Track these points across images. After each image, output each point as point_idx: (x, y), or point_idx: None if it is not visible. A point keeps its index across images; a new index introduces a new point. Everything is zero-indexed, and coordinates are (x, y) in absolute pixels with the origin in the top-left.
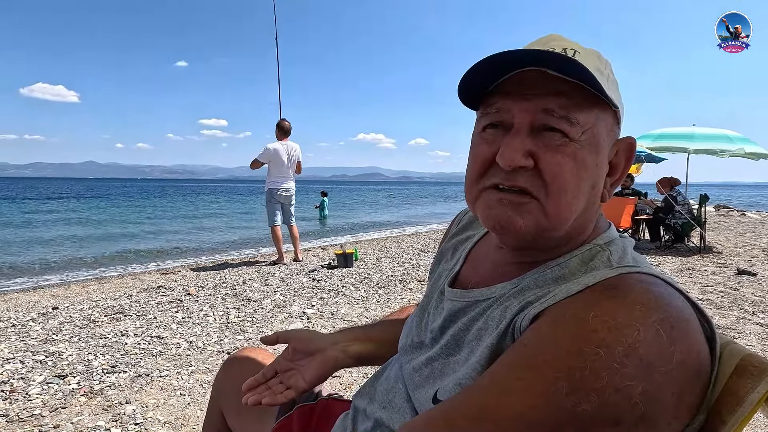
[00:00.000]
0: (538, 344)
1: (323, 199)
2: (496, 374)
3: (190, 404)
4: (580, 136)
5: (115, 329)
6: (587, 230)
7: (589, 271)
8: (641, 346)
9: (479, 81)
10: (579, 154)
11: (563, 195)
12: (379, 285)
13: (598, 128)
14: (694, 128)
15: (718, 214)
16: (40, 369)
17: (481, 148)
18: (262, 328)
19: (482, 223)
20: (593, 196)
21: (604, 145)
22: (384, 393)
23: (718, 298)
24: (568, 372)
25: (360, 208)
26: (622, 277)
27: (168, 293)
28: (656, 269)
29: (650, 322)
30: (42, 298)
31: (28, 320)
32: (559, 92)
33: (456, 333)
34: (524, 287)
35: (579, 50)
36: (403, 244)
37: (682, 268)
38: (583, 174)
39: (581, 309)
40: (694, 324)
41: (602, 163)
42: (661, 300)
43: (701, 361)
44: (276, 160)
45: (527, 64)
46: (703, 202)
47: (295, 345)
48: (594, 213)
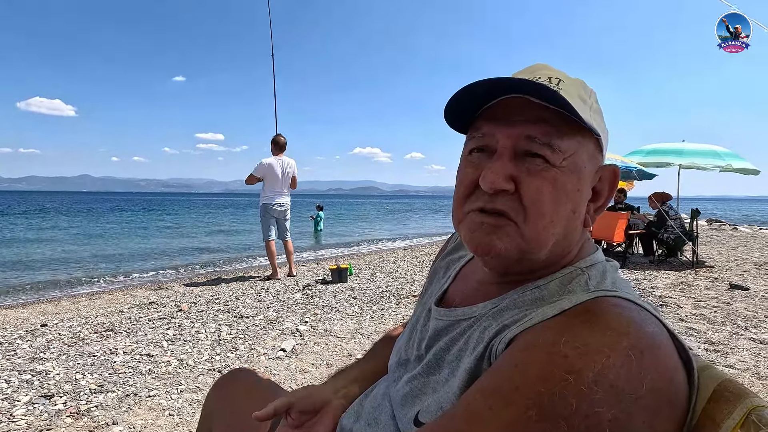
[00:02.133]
0: (510, 371)
1: (318, 213)
2: (469, 401)
3: (178, 425)
4: (561, 162)
5: (105, 347)
6: (571, 253)
7: (566, 293)
8: (611, 372)
9: (467, 105)
10: (559, 180)
11: (541, 219)
12: (373, 301)
13: (580, 155)
14: (684, 144)
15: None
16: (25, 389)
17: (467, 171)
18: (254, 345)
19: (466, 245)
20: (574, 221)
21: (586, 171)
22: (370, 410)
23: (711, 313)
24: (537, 398)
25: (355, 222)
26: (596, 301)
27: (160, 309)
28: (634, 294)
29: (621, 348)
30: (31, 314)
31: (15, 338)
32: (541, 119)
33: (438, 352)
34: (503, 308)
35: (564, 79)
36: (398, 259)
37: (675, 282)
38: (563, 199)
39: (553, 334)
40: (666, 350)
41: (584, 189)
42: (633, 325)
43: (674, 388)
44: (271, 175)
45: (512, 92)
46: (694, 217)
47: (299, 407)
48: (577, 237)
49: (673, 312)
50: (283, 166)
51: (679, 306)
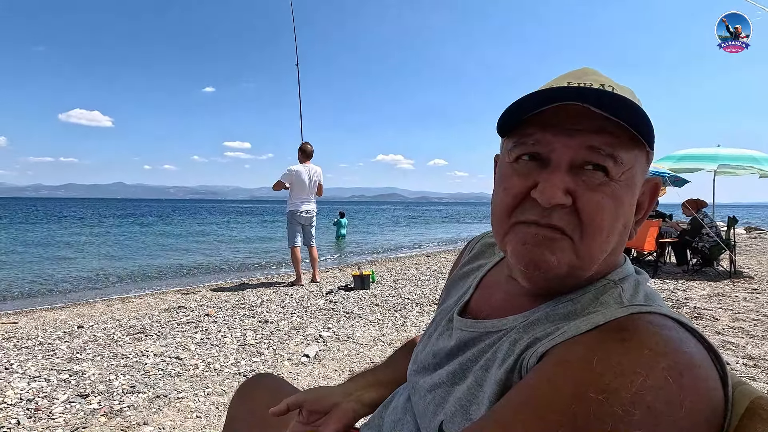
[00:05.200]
0: (542, 386)
1: (341, 219)
2: (499, 414)
3: (205, 427)
4: (620, 176)
5: (136, 349)
6: (605, 265)
7: (600, 306)
8: (648, 393)
9: (517, 110)
10: (618, 194)
11: (598, 236)
12: (395, 308)
13: (636, 168)
14: (719, 149)
15: (749, 236)
16: (63, 388)
17: (513, 181)
18: (278, 350)
19: (511, 258)
20: (624, 236)
21: (639, 185)
22: (392, 424)
23: (751, 326)
24: (571, 417)
25: (377, 229)
26: (631, 318)
27: (188, 313)
28: (668, 308)
29: (659, 368)
30: (68, 316)
31: (54, 338)
32: (602, 129)
33: (464, 362)
34: (535, 321)
35: (615, 87)
36: (420, 266)
37: (711, 293)
38: (620, 214)
39: (587, 351)
40: (706, 369)
41: (635, 203)
42: (670, 344)
43: (712, 408)
44: (298, 182)
45: (571, 99)
46: (732, 225)
47: (309, 407)
48: (620, 251)
49: (709, 325)
50: (310, 174)
51: (716, 318)
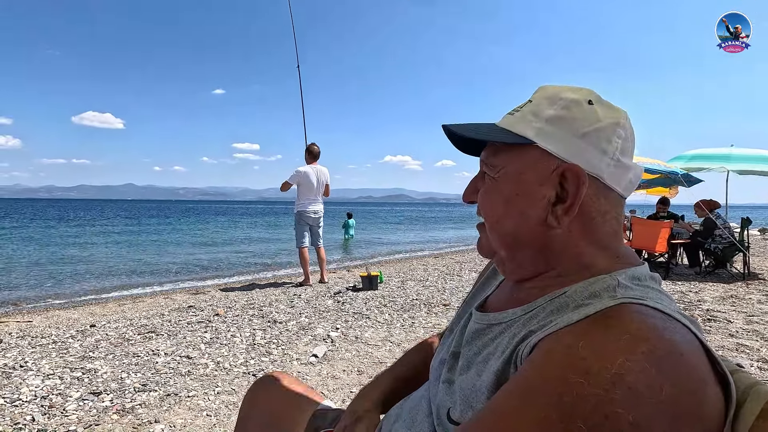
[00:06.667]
0: (531, 373)
1: (348, 220)
2: (494, 403)
3: (215, 425)
4: (496, 174)
5: (147, 348)
6: (597, 260)
7: (593, 299)
8: (628, 375)
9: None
10: (498, 188)
11: (488, 219)
12: (403, 309)
13: (514, 165)
14: (732, 149)
15: (763, 238)
16: (77, 385)
17: None
18: (287, 350)
19: None
20: (528, 221)
21: (527, 177)
22: (409, 411)
23: (765, 329)
24: (557, 399)
25: (385, 230)
26: (618, 307)
27: (198, 313)
28: (671, 306)
29: (637, 352)
30: (81, 315)
31: (67, 337)
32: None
33: (470, 353)
34: (532, 314)
35: (535, 99)
36: (428, 267)
37: (724, 295)
38: (498, 201)
39: (574, 338)
40: (690, 359)
41: (527, 192)
42: (653, 331)
43: (699, 401)
44: (306, 183)
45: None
46: (745, 226)
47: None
48: (564, 238)
49: (722, 327)
50: (318, 175)
51: (729, 321)
